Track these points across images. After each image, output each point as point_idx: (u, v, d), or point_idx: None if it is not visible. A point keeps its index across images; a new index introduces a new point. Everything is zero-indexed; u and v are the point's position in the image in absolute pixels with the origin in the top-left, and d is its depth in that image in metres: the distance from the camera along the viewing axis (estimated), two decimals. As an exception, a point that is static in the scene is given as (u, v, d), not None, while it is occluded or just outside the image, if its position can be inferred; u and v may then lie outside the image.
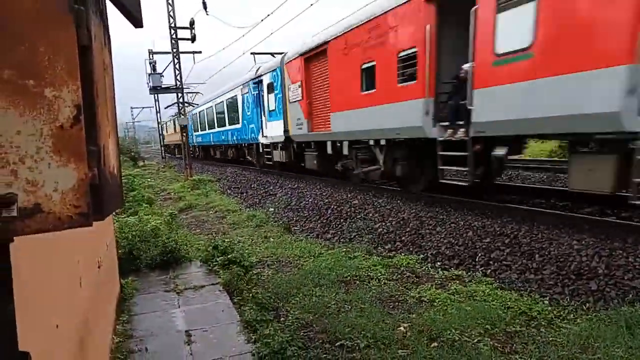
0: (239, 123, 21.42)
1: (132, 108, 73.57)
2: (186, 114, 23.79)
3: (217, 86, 28.07)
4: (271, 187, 15.84)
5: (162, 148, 50.28)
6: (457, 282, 6.02)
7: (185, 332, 4.36)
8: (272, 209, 13.23)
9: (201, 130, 31.64)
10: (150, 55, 27.69)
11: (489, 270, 6.20)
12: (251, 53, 29.43)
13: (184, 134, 22.86)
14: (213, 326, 4.48)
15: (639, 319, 4.16)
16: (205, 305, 5.05)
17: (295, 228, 10.99)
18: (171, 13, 20.91)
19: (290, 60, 15.06)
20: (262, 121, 18.61)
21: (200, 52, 27.83)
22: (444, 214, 8.25)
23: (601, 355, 3.74)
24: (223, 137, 24.75)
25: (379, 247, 8.18)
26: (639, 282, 4.73)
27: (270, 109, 17.39)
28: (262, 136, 18.79)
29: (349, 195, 11.39)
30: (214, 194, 17.38)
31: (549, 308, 4.88)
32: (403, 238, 8.14)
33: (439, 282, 6.09)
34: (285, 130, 16.00)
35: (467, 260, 6.68)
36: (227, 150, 26.37)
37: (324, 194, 12.44)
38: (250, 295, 5.26)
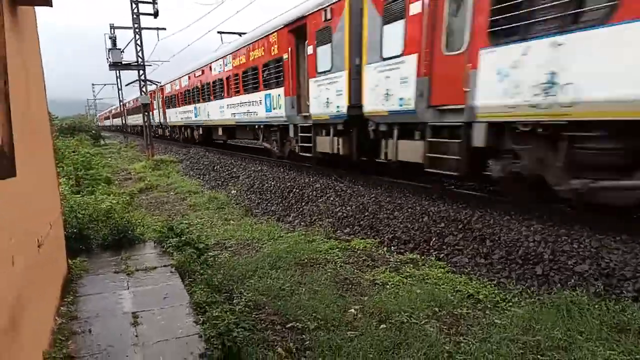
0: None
1: (93, 85, 71.16)
2: (147, 92, 23.09)
3: (181, 64, 27.34)
4: (234, 170, 15.64)
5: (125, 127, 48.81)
6: (411, 265, 6.12)
7: (132, 314, 4.26)
8: (234, 192, 13.09)
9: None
10: (112, 30, 26.66)
11: (442, 255, 6.32)
12: (218, 32, 28.77)
13: (146, 113, 22.22)
14: (162, 308, 4.39)
15: (578, 303, 4.33)
16: (156, 287, 4.94)
17: (257, 211, 10.92)
18: (134, -14, 20.14)
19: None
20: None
21: (164, 28, 26.96)
22: (402, 199, 8.34)
23: (541, 337, 3.88)
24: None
25: (338, 231, 8.22)
26: (581, 268, 4.90)
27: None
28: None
29: (312, 179, 11.36)
30: (176, 175, 17.08)
31: (496, 291, 5.03)
32: (362, 222, 8.20)
33: (394, 265, 6.18)
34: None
35: (421, 244, 6.79)
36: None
37: (287, 177, 12.37)
38: (203, 277, 5.19)
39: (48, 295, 4.04)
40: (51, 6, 4.36)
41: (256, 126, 15.85)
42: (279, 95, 13.24)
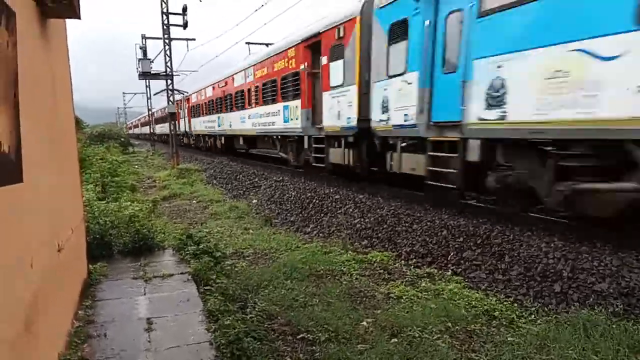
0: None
1: (124, 94, 73.13)
2: (175, 102, 23.64)
3: (210, 74, 27.91)
4: (256, 179, 15.81)
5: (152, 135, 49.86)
6: (428, 279, 6.06)
7: (147, 320, 4.34)
8: (255, 201, 13.22)
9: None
10: (143, 41, 27.40)
11: (460, 269, 6.25)
12: (246, 43, 29.33)
13: (172, 122, 22.70)
14: (175, 315, 4.47)
15: (596, 323, 4.21)
16: (171, 294, 5.03)
17: (276, 221, 11.00)
18: (164, -1, 20.71)
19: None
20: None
21: (194, 39, 27.64)
22: (421, 212, 8.28)
23: (555, 356, 3.79)
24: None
25: (356, 243, 8.20)
26: (600, 286, 4.78)
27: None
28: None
29: (332, 190, 11.38)
30: (199, 184, 17.35)
31: (512, 308, 4.94)
32: (380, 235, 8.17)
33: (410, 279, 6.13)
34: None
35: (439, 258, 6.73)
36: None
37: (307, 187, 12.43)
38: (217, 285, 5.25)
39: (67, 298, 4.16)
40: (79, 19, 4.55)
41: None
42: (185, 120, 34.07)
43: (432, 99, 8.00)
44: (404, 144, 9.22)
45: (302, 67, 13.17)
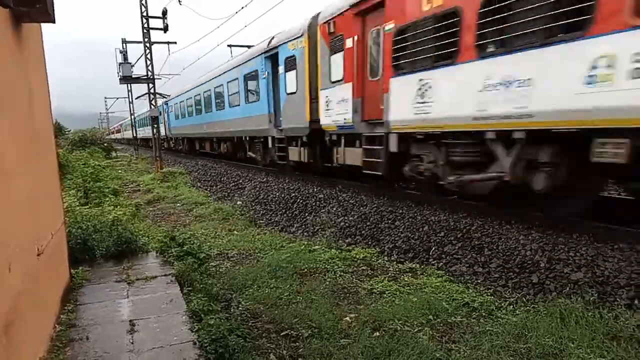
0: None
1: (105, 98, 72.26)
2: (157, 105, 23.48)
3: (192, 77, 27.80)
4: (241, 181, 15.78)
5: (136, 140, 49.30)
6: (410, 274, 6.15)
7: (130, 322, 4.33)
8: (240, 202, 13.20)
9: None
10: (123, 45, 27.16)
11: (441, 263, 6.35)
12: (228, 45, 29.25)
13: (155, 126, 22.54)
14: (159, 316, 4.46)
15: (572, 311, 4.33)
16: (154, 296, 5.02)
17: (261, 221, 11.01)
18: (143, 2, 20.55)
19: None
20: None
21: (175, 42, 27.49)
22: (403, 209, 8.38)
23: (532, 345, 3.89)
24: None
25: (340, 241, 8.26)
26: (576, 276, 4.90)
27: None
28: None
29: (316, 190, 11.44)
30: (184, 187, 17.24)
31: (491, 299, 5.04)
32: (363, 232, 8.25)
33: (393, 274, 6.21)
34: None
35: (421, 253, 6.82)
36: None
37: (291, 187, 12.47)
38: (201, 285, 5.27)
39: (48, 302, 4.14)
40: (54, 22, 4.53)
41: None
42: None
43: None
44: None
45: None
